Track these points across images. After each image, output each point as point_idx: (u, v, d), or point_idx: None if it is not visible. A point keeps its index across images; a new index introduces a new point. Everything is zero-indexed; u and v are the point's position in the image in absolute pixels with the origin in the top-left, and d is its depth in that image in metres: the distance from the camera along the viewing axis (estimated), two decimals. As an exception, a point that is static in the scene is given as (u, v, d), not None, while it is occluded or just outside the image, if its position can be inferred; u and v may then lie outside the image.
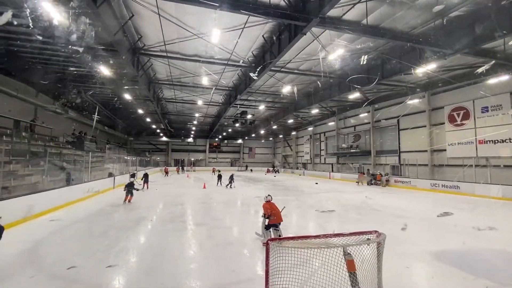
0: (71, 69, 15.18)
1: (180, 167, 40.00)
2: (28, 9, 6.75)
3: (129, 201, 11.76)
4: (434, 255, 5.56)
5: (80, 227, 7.84)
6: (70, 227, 7.73)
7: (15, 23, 8.51)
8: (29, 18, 7.25)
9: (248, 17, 10.01)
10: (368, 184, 21.37)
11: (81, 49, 10.74)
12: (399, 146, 22.41)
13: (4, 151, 10.22)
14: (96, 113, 22.55)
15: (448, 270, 4.86)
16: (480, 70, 12.44)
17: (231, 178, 18.88)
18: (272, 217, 5.99)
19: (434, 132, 19.17)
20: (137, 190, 12.47)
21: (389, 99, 22.03)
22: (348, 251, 2.93)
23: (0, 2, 7.94)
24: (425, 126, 19.68)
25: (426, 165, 19.39)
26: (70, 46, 10.54)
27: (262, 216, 6.41)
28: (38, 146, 13.54)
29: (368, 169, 22.99)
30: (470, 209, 11.06)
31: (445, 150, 18.19)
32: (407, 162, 20.99)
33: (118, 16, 9.88)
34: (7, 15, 6.39)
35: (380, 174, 21.07)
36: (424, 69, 12.95)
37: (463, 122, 17.07)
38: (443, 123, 18.40)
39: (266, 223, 6.10)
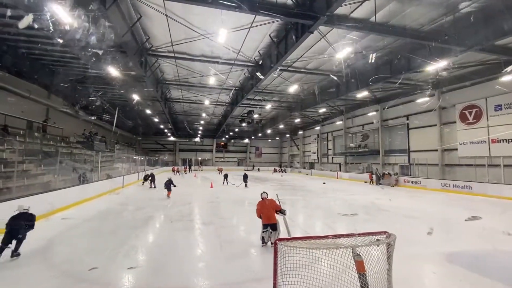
0: (81, 70, 15.51)
1: (188, 167, 40.39)
2: (38, 12, 6.90)
3: (168, 196, 13.48)
4: (446, 257, 5.44)
5: (90, 225, 7.99)
6: (81, 225, 7.89)
7: (26, 26, 8.72)
8: (39, 21, 7.41)
9: (255, 17, 9.99)
10: (376, 184, 21.08)
11: (90, 51, 10.93)
12: (408, 146, 22.03)
13: (17, 151, 10.53)
14: (105, 114, 22.95)
15: (461, 272, 4.74)
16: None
17: (246, 178, 19.08)
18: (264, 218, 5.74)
19: (445, 131, 18.76)
20: (175, 186, 14.17)
21: (398, 98, 21.65)
22: (358, 252, 2.88)
23: (14, 6, 8.17)
24: (435, 125, 19.28)
25: (437, 164, 19.00)
26: (79, 48, 10.72)
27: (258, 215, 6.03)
28: (50, 146, 13.86)
29: (376, 169, 22.66)
30: (485, 210, 10.78)
31: (456, 149, 17.78)
32: (416, 161, 20.62)
33: (127, 18, 10.02)
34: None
35: (389, 173, 20.75)
36: (434, 67, 12.67)
37: (475, 120, 16.65)
38: (454, 122, 17.99)
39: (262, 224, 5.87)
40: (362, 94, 19.76)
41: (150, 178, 18.01)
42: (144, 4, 9.41)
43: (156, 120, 31.25)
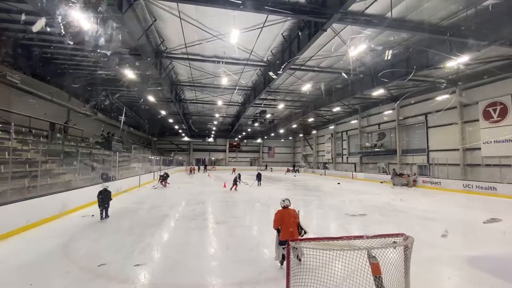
0: (99, 73, 16.09)
1: (203, 167, 41.17)
2: (59, 17, 7.21)
3: (235, 189, 15.90)
4: (467, 260, 5.19)
5: (108, 223, 8.25)
6: (99, 223, 8.16)
7: (48, 30, 9.14)
8: (60, 25, 7.75)
9: (267, 16, 9.98)
10: (393, 184, 20.47)
11: (108, 54, 11.31)
12: (427, 145, 21.23)
13: (41, 151, 11.07)
14: (122, 115, 23.67)
15: (482, 277, 4.51)
16: None
17: (259, 177, 19.12)
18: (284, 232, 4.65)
19: (467, 130, 17.93)
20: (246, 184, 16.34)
21: (416, 95, 20.92)
22: (373, 254, 2.81)
23: (33, 12, 8.59)
24: (456, 123, 18.46)
25: (458, 164, 18.19)
26: (98, 52, 11.13)
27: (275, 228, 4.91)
28: (71, 146, 14.47)
29: (394, 169, 21.99)
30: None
31: (479, 148, 16.94)
32: (436, 161, 19.83)
33: (142, 21, 10.29)
34: (41, 22, 6.85)
35: (407, 174, 20.09)
36: (455, 63, 12.13)
37: (500, 118, 15.80)
38: (477, 120, 17.14)
39: (277, 239, 4.86)
40: (378, 92, 19.25)
41: (164, 176, 18.38)
42: (158, 8, 9.62)
43: (170, 120, 31.93)
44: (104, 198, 8.43)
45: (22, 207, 6.91)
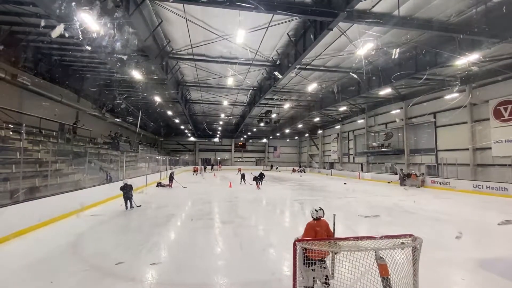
0: (107, 74, 16.33)
1: (210, 167, 41.37)
2: (68, 21, 7.34)
3: (259, 187, 16.70)
4: (478, 262, 5.09)
5: (116, 222, 8.37)
6: (108, 222, 8.29)
7: (58, 35, 9.32)
8: (69, 29, 7.91)
9: (272, 16, 9.96)
10: (400, 184, 20.21)
11: (115, 56, 11.48)
12: (436, 144, 20.87)
13: (51, 151, 11.29)
14: (129, 116, 24.00)
15: (494, 279, 4.41)
16: None
17: (261, 177, 19.08)
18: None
19: (477, 129, 17.56)
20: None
21: (424, 94, 20.59)
22: (381, 255, 2.78)
23: (44, 15, 8.76)
24: (466, 123, 18.10)
25: (468, 164, 17.83)
26: (106, 54, 11.30)
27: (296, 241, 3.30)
28: (80, 146, 14.72)
29: (401, 169, 21.70)
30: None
31: (490, 148, 16.58)
32: (445, 161, 19.48)
33: (148, 23, 10.39)
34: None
35: (415, 174, 19.79)
36: (464, 61, 11.89)
37: (512, 117, 15.45)
38: (487, 119, 16.77)
39: (302, 257, 3.56)
40: (385, 91, 19.03)
41: (171, 177, 18.54)
42: (164, 9, 9.71)
43: (177, 121, 32.19)
44: (125, 192, 9.87)
45: (33, 206, 7.07)
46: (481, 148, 17.27)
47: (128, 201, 10.00)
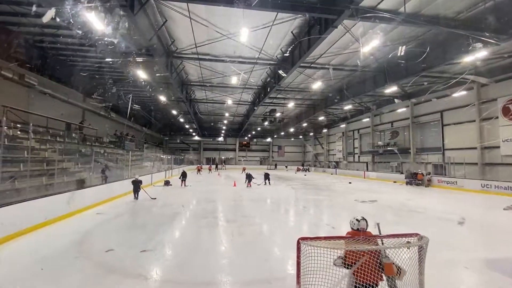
0: (113, 74, 16.48)
1: (215, 166, 41.46)
2: (74, 20, 7.41)
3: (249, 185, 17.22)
4: (486, 263, 4.99)
5: (122, 220, 8.45)
6: (114, 220, 8.37)
7: (64, 32, 9.42)
8: (76, 29, 7.99)
9: (277, 14, 9.91)
10: (407, 184, 19.98)
11: (120, 55, 11.56)
12: (443, 143, 20.57)
13: (58, 150, 11.44)
14: (134, 115, 24.20)
15: (503, 280, 4.32)
16: None
17: (267, 177, 19.14)
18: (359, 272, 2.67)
19: (485, 127, 17.24)
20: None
21: (431, 92, 20.25)
22: (386, 254, 2.73)
23: (53, 17, 8.86)
24: (474, 121, 17.79)
25: (475, 163, 17.53)
26: (111, 53, 11.41)
27: (337, 264, 2.81)
28: (86, 146, 14.89)
29: (409, 169, 21.40)
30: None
31: (498, 147, 16.26)
32: (452, 160, 19.18)
33: (153, 22, 10.44)
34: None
35: (422, 173, 19.54)
36: (473, 58, 11.66)
37: (521, 115, 15.12)
38: (496, 117, 16.45)
39: (352, 282, 2.80)
40: (391, 89, 18.75)
41: (181, 177, 18.49)
42: (169, 8, 9.74)
43: (181, 120, 32.32)
44: (134, 185, 12.10)
45: (40, 204, 7.17)
46: (489, 147, 16.95)
47: (136, 193, 12.10)
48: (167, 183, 17.98)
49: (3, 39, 10.83)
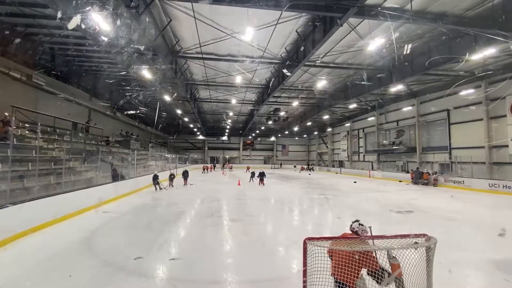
0: (118, 74, 16.60)
1: (219, 165, 41.37)
2: (80, 20, 7.48)
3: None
4: (495, 264, 4.92)
5: (128, 219, 8.54)
6: (120, 219, 8.46)
7: (72, 33, 9.51)
8: (81, 29, 8.07)
9: (281, 13, 9.86)
10: (413, 183, 19.78)
11: (125, 55, 11.65)
12: (449, 142, 20.29)
13: (65, 150, 11.59)
14: (140, 115, 24.36)
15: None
16: None
17: (262, 175, 19.11)
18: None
19: (493, 126, 16.96)
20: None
21: (437, 91, 20.03)
22: (393, 255, 2.71)
23: (61, 17, 8.96)
24: (481, 119, 17.51)
25: (483, 163, 17.27)
26: (116, 53, 11.49)
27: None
28: (92, 145, 15.07)
29: (417, 168, 21.09)
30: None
31: (507, 146, 15.99)
32: (459, 159, 18.93)
33: (158, 22, 10.49)
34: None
35: (428, 172, 19.33)
36: (480, 56, 11.47)
37: (531, 113, 14.83)
38: (505, 116, 16.16)
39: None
40: (397, 88, 18.60)
41: (171, 177, 18.10)
42: (173, 8, 9.77)
43: (186, 119, 32.46)
44: (154, 179, 15.05)
45: (48, 203, 7.28)
46: (498, 146, 16.68)
47: (157, 185, 14.97)
48: (171, 178, 17.55)
49: (11, 41, 10.99)
